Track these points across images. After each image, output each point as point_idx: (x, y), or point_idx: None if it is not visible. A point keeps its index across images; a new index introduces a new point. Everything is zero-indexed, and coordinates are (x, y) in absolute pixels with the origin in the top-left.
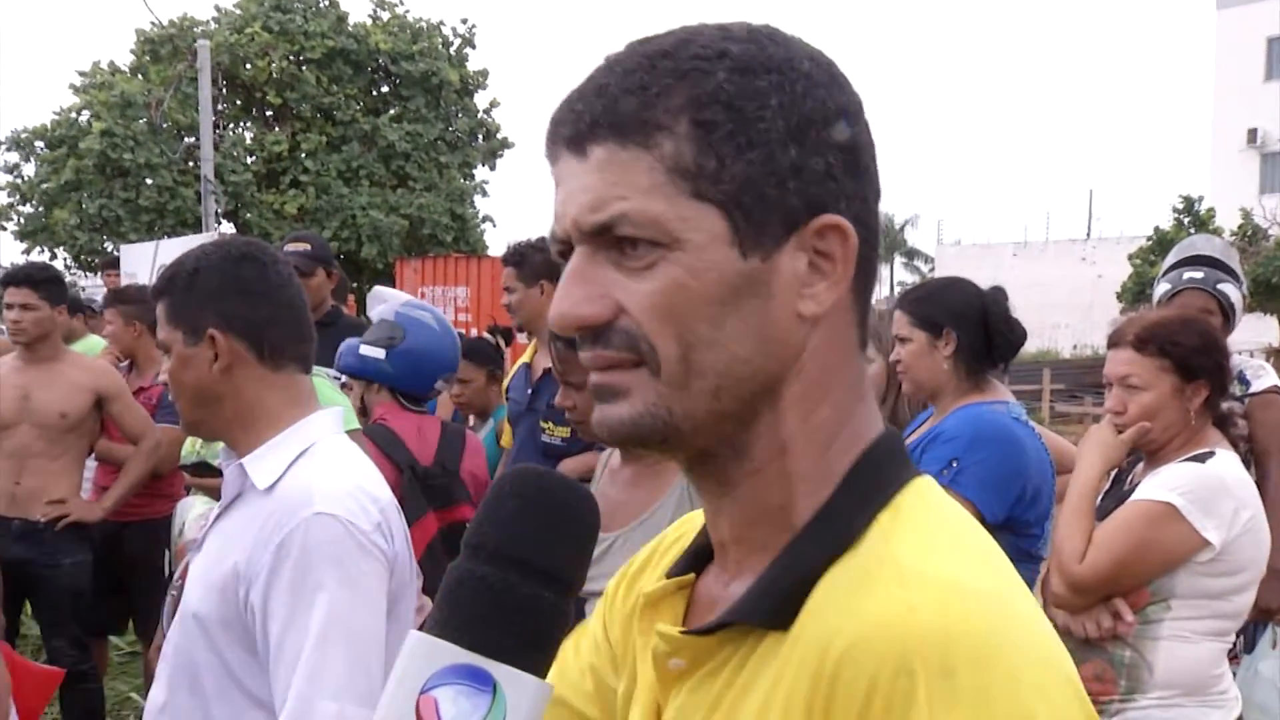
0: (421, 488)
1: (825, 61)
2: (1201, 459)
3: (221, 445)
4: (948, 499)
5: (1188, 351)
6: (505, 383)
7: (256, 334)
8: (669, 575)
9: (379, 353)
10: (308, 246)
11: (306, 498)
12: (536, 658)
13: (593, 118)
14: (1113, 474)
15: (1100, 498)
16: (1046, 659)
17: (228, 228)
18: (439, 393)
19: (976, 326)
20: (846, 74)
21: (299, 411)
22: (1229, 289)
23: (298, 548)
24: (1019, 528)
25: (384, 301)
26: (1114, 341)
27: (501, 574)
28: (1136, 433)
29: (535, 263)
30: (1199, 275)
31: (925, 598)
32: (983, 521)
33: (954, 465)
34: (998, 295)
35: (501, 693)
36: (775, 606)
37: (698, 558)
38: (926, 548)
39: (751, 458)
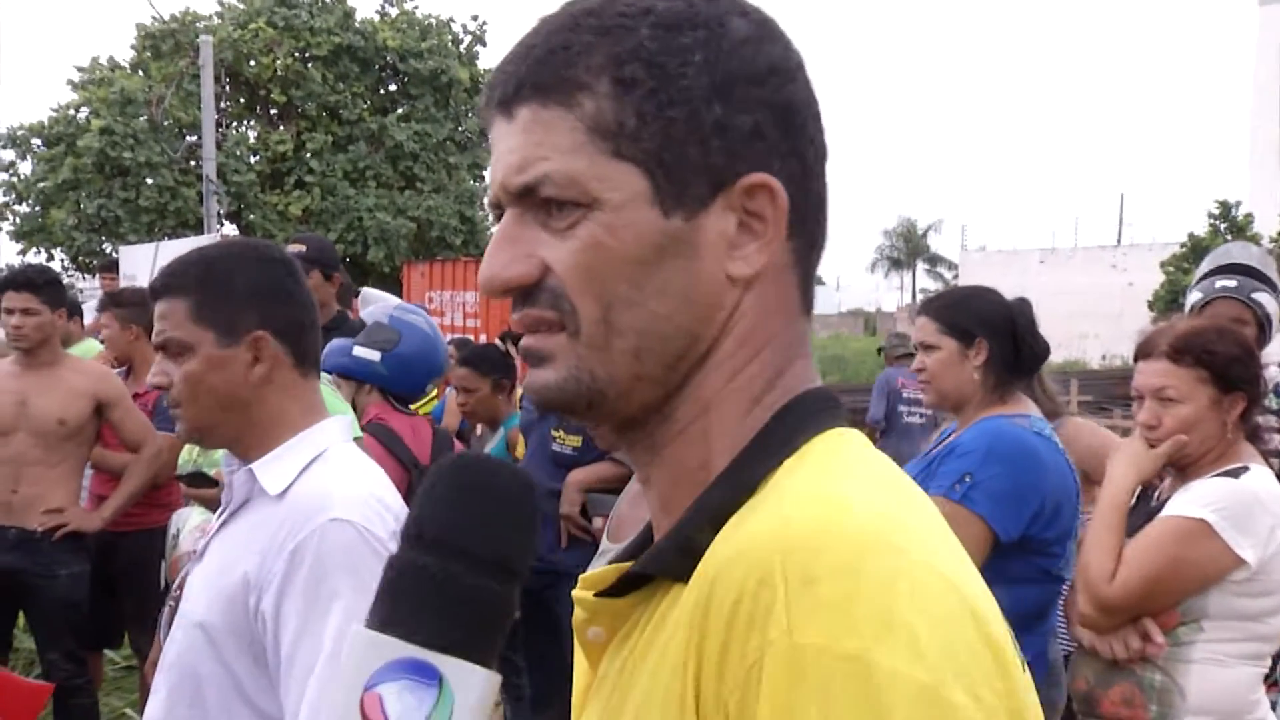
0: None
1: (760, 18)
2: (1235, 474)
3: (223, 452)
4: (867, 448)
5: (1226, 361)
6: (519, 390)
7: (296, 338)
8: (612, 561)
9: (374, 355)
10: (303, 248)
11: (322, 504)
12: (482, 648)
13: (519, 79)
14: (1137, 489)
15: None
16: (932, 571)
17: (230, 229)
18: (427, 395)
19: (1005, 337)
20: (785, 30)
21: (312, 418)
22: (1265, 299)
23: (312, 554)
24: (1037, 546)
25: (372, 303)
26: (1145, 352)
27: (443, 564)
28: (1172, 446)
29: None
30: (1233, 284)
31: (802, 511)
32: (996, 541)
33: (967, 480)
34: (1024, 306)
35: (448, 686)
36: (673, 557)
37: (644, 543)
38: (818, 475)
39: (676, 419)
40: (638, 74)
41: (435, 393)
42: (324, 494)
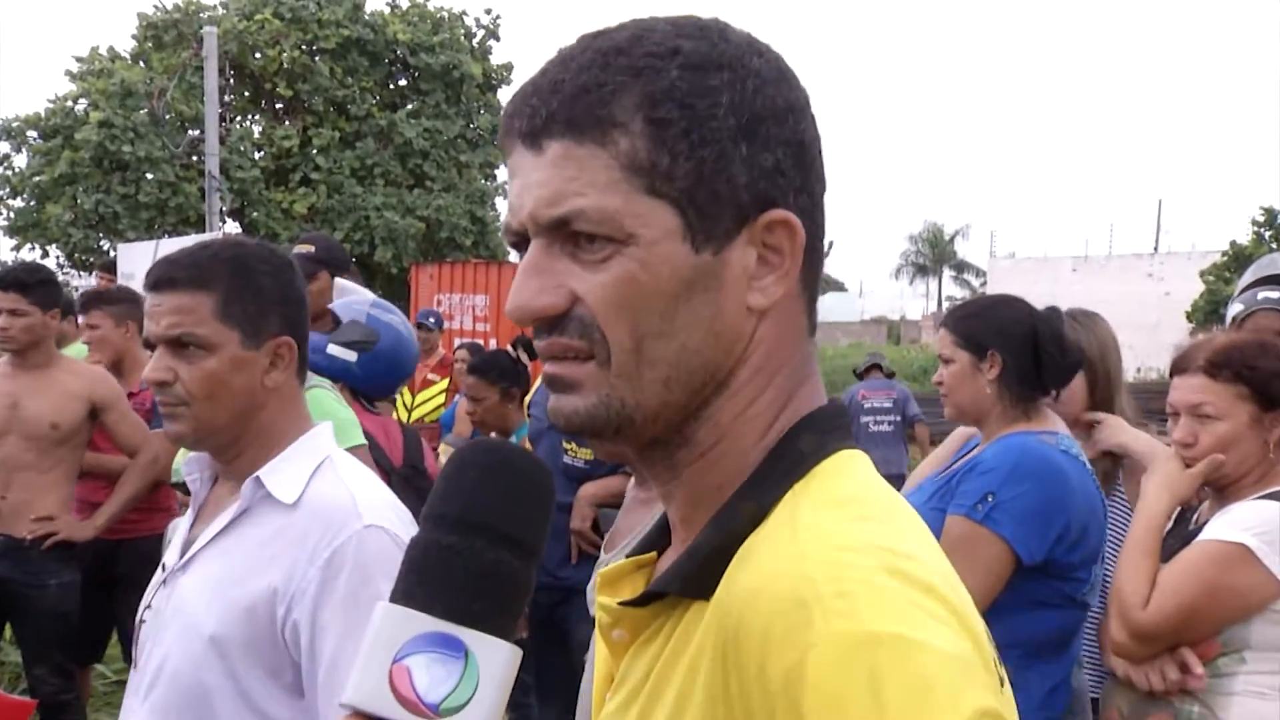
0: (410, 489)
1: (774, 57)
2: (1278, 496)
3: (189, 457)
4: (867, 469)
5: (1268, 377)
6: (528, 399)
7: (304, 346)
8: (629, 555)
9: (350, 355)
10: (311, 249)
11: (352, 510)
12: (504, 622)
13: (549, 113)
14: (1175, 512)
15: (1163, 537)
16: (934, 592)
17: (232, 227)
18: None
19: (1025, 349)
20: (794, 69)
21: (304, 424)
22: None
23: (352, 561)
24: (1060, 570)
25: (345, 294)
26: (1181, 367)
27: (467, 542)
28: (1209, 466)
29: None
30: (1276, 295)
31: (817, 547)
32: (1018, 563)
33: (989, 499)
34: (1051, 316)
35: (473, 658)
36: (692, 576)
37: (660, 537)
38: (822, 507)
39: (697, 443)
40: (671, 114)
41: (443, 399)
42: (349, 500)
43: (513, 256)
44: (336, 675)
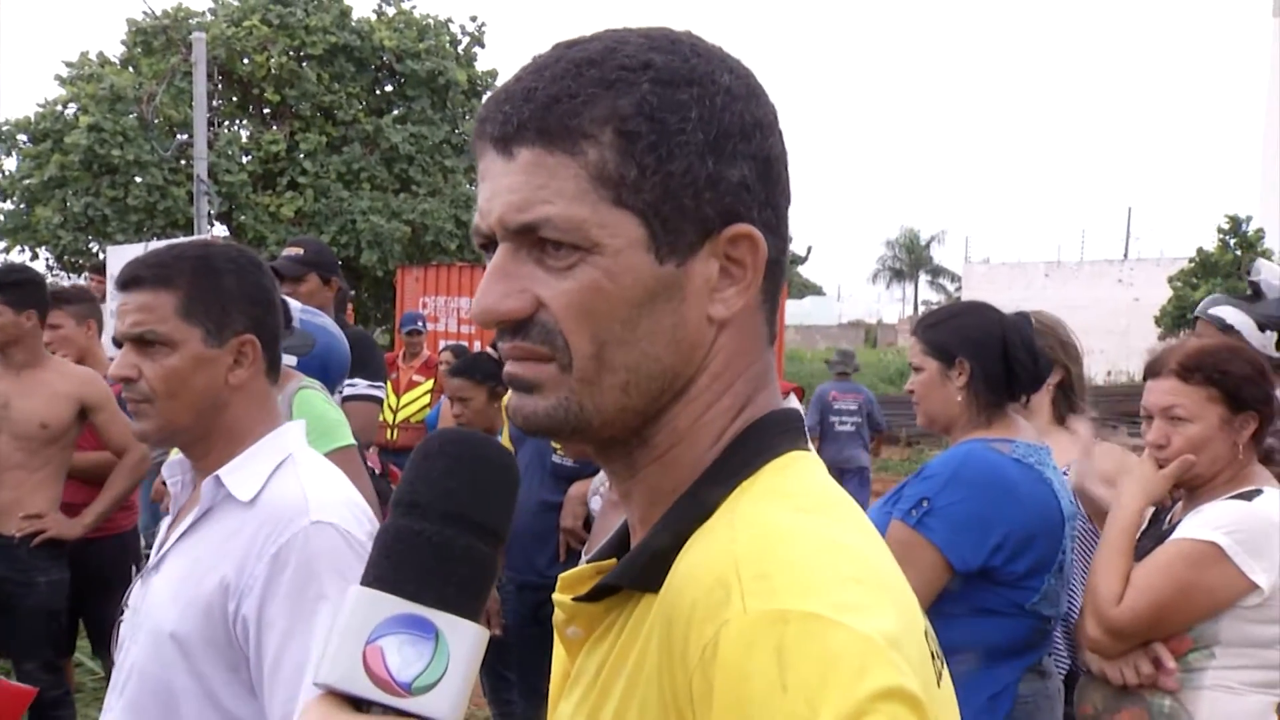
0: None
1: (744, 73)
2: (1248, 496)
3: (171, 460)
4: (810, 469)
5: (1238, 381)
6: (505, 400)
7: (273, 346)
8: (590, 560)
9: (291, 360)
10: (300, 251)
11: (301, 507)
12: (473, 605)
13: (520, 121)
14: (1149, 512)
15: (1138, 537)
16: (864, 562)
17: (220, 230)
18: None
19: (994, 357)
20: (763, 84)
21: (272, 424)
22: (1226, 311)
23: (297, 558)
24: (1004, 579)
25: None
26: (1154, 370)
27: (438, 528)
28: (1180, 467)
29: None
30: (1219, 312)
31: (748, 531)
32: (951, 569)
33: (924, 505)
34: (1020, 323)
35: (444, 639)
36: (640, 569)
37: (622, 543)
38: (762, 499)
39: (655, 446)
40: (640, 128)
41: (428, 400)
42: (301, 498)
43: None
44: (281, 670)
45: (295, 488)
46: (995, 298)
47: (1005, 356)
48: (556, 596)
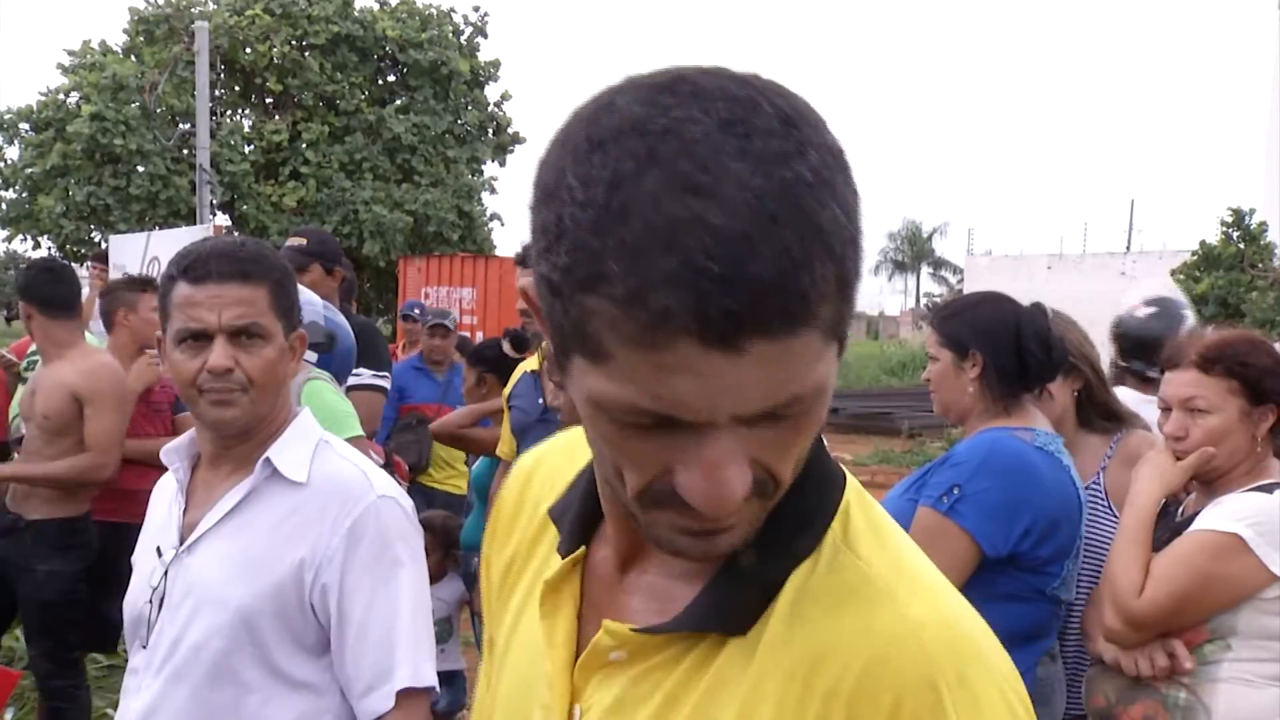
0: None
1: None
2: (1269, 489)
3: (170, 445)
4: (867, 496)
5: (1259, 373)
6: (507, 390)
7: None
8: (560, 550)
9: (311, 357)
10: (303, 241)
11: (365, 483)
12: None
13: (748, 313)
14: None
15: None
16: (995, 649)
17: (223, 220)
18: None
19: (1007, 348)
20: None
21: (292, 411)
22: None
23: (371, 529)
24: (1028, 564)
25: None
26: (1173, 361)
27: None
28: (1200, 459)
29: None
30: (1143, 314)
31: (925, 615)
32: (983, 556)
33: (955, 492)
34: (1035, 314)
35: None
36: (743, 616)
37: (585, 526)
38: (891, 562)
39: None
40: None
41: None
42: (361, 475)
43: (500, 250)
44: (368, 634)
45: (349, 467)
46: (997, 290)
47: (1018, 348)
48: (609, 625)
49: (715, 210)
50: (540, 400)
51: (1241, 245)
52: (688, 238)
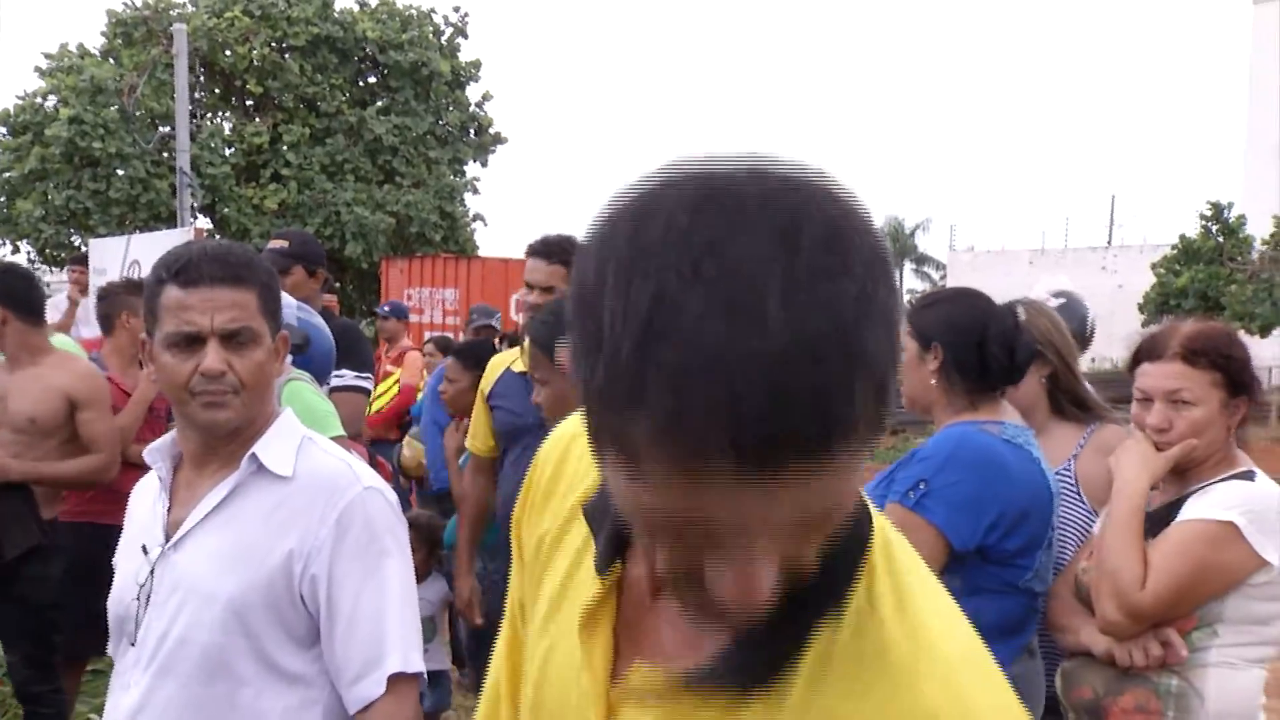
0: None
1: None
2: (1249, 478)
3: (153, 445)
4: (900, 539)
5: (1240, 365)
6: (486, 387)
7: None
8: (596, 567)
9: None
10: (285, 244)
11: (350, 476)
12: None
13: (782, 438)
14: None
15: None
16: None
17: (204, 223)
18: None
19: (968, 346)
20: None
21: (274, 410)
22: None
23: (360, 520)
24: (997, 557)
25: None
26: (1155, 353)
27: None
28: (1184, 450)
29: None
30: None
31: (939, 701)
32: (950, 548)
33: (922, 486)
34: (1003, 315)
35: None
36: (767, 677)
37: (619, 542)
38: (910, 631)
39: None
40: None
41: (396, 390)
42: (346, 468)
43: (482, 250)
44: (358, 622)
45: (334, 460)
46: (979, 285)
47: (980, 347)
48: (641, 670)
49: (758, 335)
50: (535, 402)
51: (1220, 239)
52: (729, 363)
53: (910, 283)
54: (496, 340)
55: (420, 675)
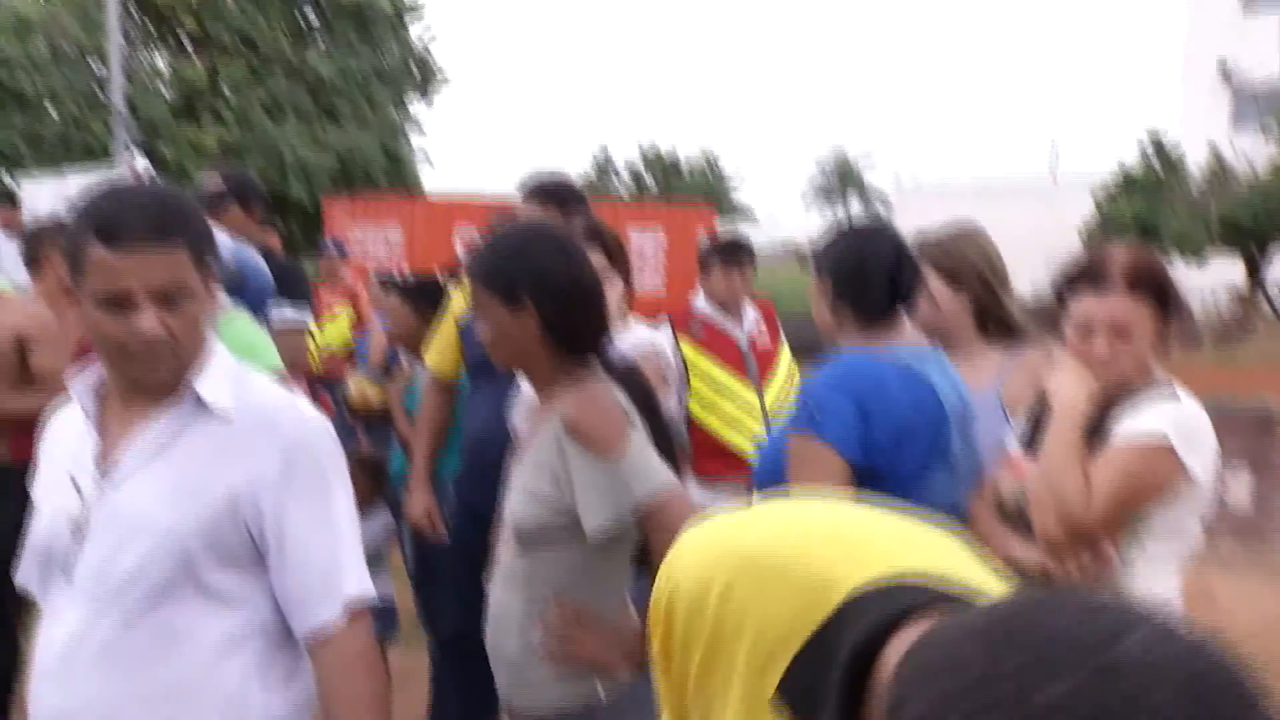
0: None
1: None
2: (1174, 396)
3: (78, 378)
4: None
5: (1173, 290)
6: (459, 313)
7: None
8: None
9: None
10: (221, 182)
11: (295, 411)
12: None
13: None
14: (1033, 416)
15: (1024, 442)
16: None
17: (142, 161)
18: None
19: (851, 278)
20: None
21: (207, 345)
22: None
23: (305, 454)
24: (889, 478)
25: None
26: (1095, 282)
27: None
28: (1118, 378)
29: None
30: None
31: None
32: (848, 467)
33: (810, 411)
34: (885, 245)
35: None
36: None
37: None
38: None
39: None
40: None
41: (349, 328)
42: (287, 403)
43: (428, 188)
44: (310, 554)
45: (273, 395)
46: (924, 219)
47: (861, 277)
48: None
49: None
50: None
51: (1160, 169)
52: None
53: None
54: (445, 277)
55: (373, 602)
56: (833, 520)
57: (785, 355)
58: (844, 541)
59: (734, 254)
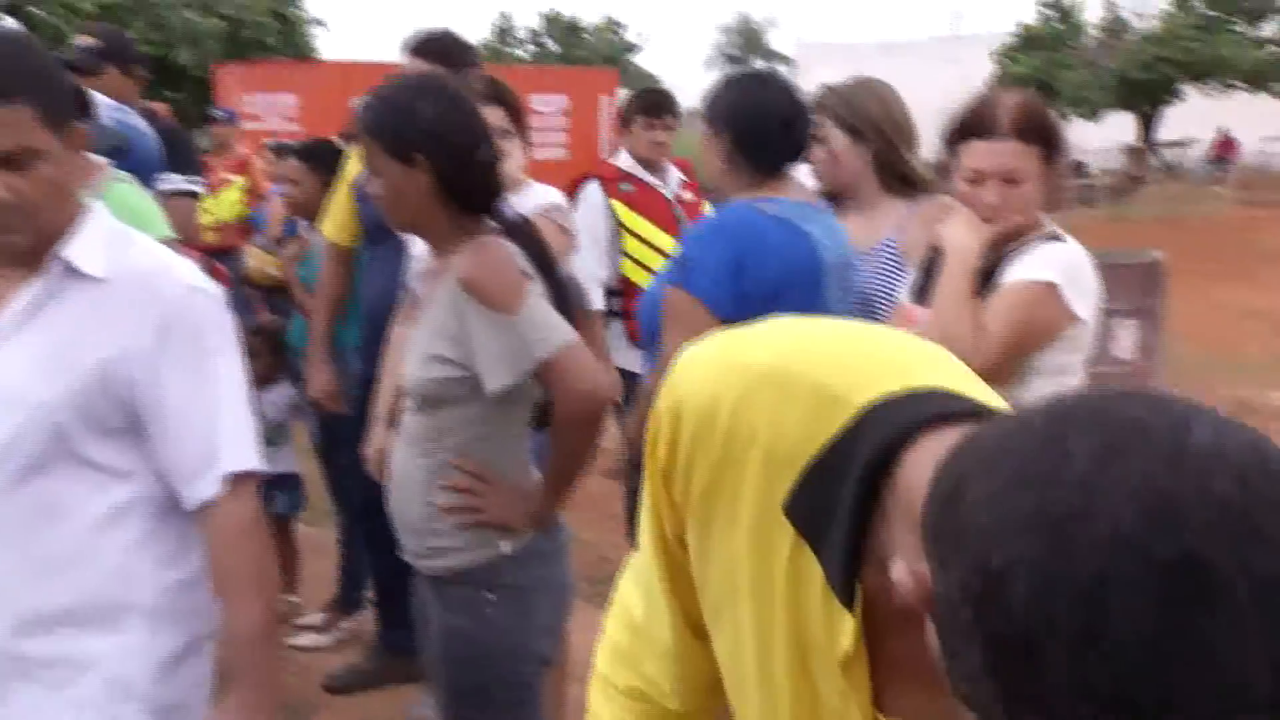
0: None
1: None
2: (1058, 239)
3: None
4: None
5: (1059, 135)
6: (352, 177)
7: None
8: (842, 601)
9: (103, 161)
10: (95, 42)
11: (174, 275)
12: None
13: None
14: (925, 265)
15: (917, 292)
16: None
17: (10, 23)
18: None
19: (747, 128)
20: None
21: (80, 207)
22: None
23: (185, 321)
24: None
25: None
26: (984, 129)
27: None
28: (1013, 224)
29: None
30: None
31: None
32: (715, 321)
33: (686, 262)
34: (781, 95)
35: None
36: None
37: (852, 570)
38: None
39: None
40: None
41: (240, 198)
42: (165, 267)
43: (323, 53)
44: (187, 424)
45: (152, 259)
46: (829, 78)
47: (760, 127)
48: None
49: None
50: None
51: (1060, 25)
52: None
53: None
54: (341, 139)
55: (257, 472)
56: (844, 336)
57: (710, 212)
58: (857, 356)
59: (657, 110)
